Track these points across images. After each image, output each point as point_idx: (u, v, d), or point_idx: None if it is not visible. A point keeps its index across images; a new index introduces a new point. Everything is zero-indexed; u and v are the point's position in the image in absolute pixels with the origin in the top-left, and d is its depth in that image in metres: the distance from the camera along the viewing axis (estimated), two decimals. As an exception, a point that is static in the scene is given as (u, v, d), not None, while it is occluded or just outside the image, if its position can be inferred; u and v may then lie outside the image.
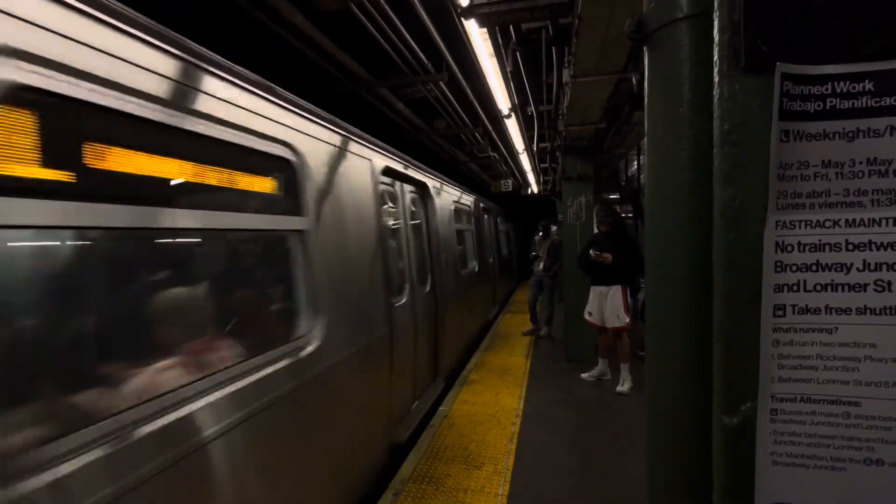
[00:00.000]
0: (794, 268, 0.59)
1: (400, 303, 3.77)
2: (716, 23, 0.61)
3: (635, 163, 9.15)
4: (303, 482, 2.14)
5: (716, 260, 0.62)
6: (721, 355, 0.60)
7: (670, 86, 0.79)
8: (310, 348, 2.17)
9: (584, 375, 5.30)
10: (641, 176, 8.55)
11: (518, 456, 3.62)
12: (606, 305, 4.93)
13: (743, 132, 0.59)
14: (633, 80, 4.08)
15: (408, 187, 4.33)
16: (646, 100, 0.86)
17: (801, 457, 0.58)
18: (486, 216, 9.26)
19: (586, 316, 5.15)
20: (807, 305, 0.59)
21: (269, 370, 1.86)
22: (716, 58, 0.62)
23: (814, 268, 0.58)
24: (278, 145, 2.06)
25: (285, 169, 2.15)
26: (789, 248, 0.58)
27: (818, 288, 0.58)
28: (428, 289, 4.68)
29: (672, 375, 0.77)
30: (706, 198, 0.73)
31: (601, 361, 5.27)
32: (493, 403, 4.69)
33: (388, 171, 3.57)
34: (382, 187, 3.45)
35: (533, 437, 3.92)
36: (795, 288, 0.59)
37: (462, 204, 6.83)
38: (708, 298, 0.72)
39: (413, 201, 4.51)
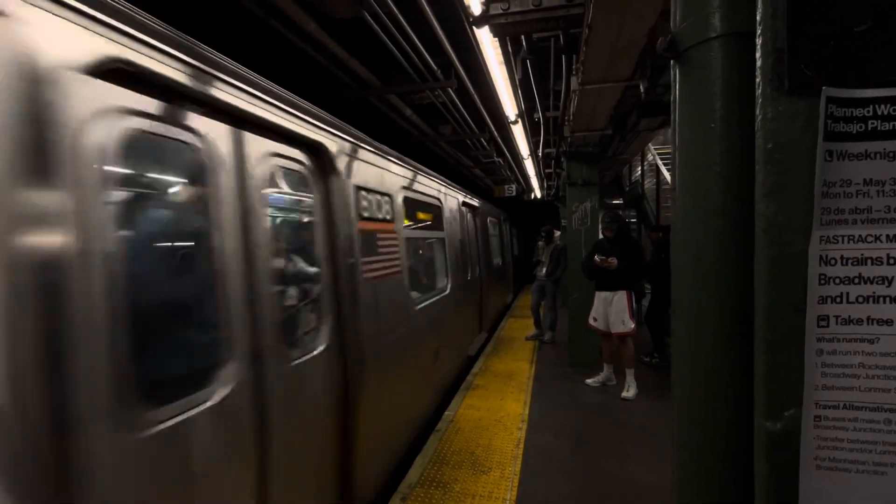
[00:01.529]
0: (837, 280, 0.61)
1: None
2: (759, 48, 0.64)
3: (639, 168, 9.21)
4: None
5: (758, 273, 0.64)
6: (764, 364, 0.62)
7: (702, 102, 0.82)
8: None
9: (588, 381, 5.32)
10: (645, 181, 8.61)
11: (525, 461, 3.63)
12: (611, 311, 4.95)
13: (786, 152, 0.61)
14: (641, 87, 4.12)
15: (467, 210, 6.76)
16: (675, 115, 0.89)
17: (844, 461, 0.61)
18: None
19: (591, 321, 5.17)
20: (849, 316, 0.61)
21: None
22: (758, 80, 0.65)
23: (856, 280, 0.61)
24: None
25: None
26: (833, 262, 0.61)
27: (860, 300, 0.61)
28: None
29: (704, 383, 0.79)
30: (740, 211, 0.76)
31: (606, 367, 5.29)
32: (498, 408, 4.71)
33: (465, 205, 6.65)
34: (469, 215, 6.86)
35: (539, 443, 3.94)
36: (839, 300, 0.62)
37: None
38: (740, 308, 0.75)
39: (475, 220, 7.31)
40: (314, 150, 2.34)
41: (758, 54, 0.65)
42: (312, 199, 2.39)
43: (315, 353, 2.26)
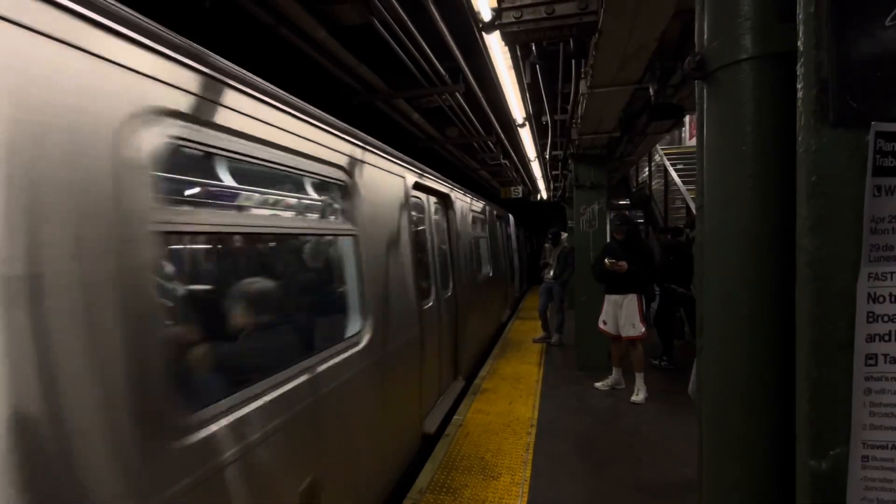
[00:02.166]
0: (885, 318, 0.60)
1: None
2: (800, 77, 0.63)
3: (646, 169, 9.15)
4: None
5: (801, 308, 0.63)
6: (808, 402, 0.61)
7: (732, 125, 0.81)
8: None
9: (598, 384, 5.29)
10: (653, 182, 8.56)
11: (535, 466, 3.62)
12: (621, 314, 4.92)
13: (831, 185, 0.60)
14: (651, 90, 4.10)
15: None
16: (704, 137, 0.87)
17: (893, 503, 0.59)
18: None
19: (600, 325, 5.14)
20: (899, 355, 0.60)
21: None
22: (800, 109, 0.63)
23: (906, 319, 0.60)
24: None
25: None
26: (881, 300, 0.60)
27: (911, 339, 0.60)
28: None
29: (737, 419, 0.77)
30: (776, 239, 0.75)
31: (615, 370, 5.26)
32: (507, 412, 4.69)
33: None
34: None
35: (549, 447, 3.92)
36: (887, 338, 0.60)
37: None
38: (777, 343, 0.74)
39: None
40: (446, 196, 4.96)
41: (799, 84, 0.63)
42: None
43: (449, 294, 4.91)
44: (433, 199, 4.59)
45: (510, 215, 11.68)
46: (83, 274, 1.06)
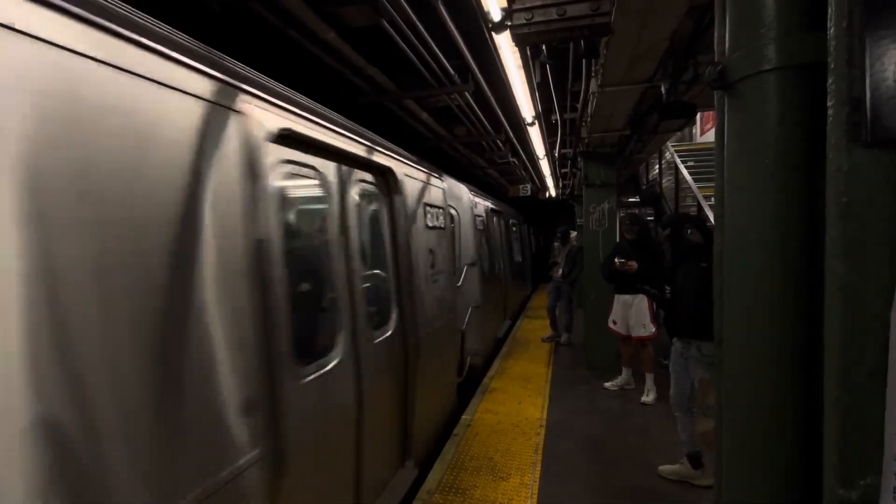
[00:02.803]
0: None
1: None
2: (831, 95, 0.61)
3: (656, 167, 9.06)
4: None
5: (829, 332, 0.61)
6: (837, 429, 0.59)
7: (754, 138, 0.79)
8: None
9: (607, 385, 5.27)
10: (663, 180, 8.47)
11: (544, 467, 3.61)
12: (631, 314, 4.89)
13: (863, 207, 0.58)
14: (663, 88, 4.05)
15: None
16: (724, 148, 0.86)
17: (926, 536, 0.57)
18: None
19: (610, 325, 5.11)
20: (933, 384, 0.58)
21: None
22: (830, 128, 0.61)
23: (941, 346, 0.58)
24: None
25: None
26: None
27: (945, 366, 0.57)
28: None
29: (757, 443, 0.76)
30: (798, 254, 0.73)
31: (625, 371, 5.23)
32: (515, 413, 4.69)
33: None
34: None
35: (558, 448, 3.91)
36: None
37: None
38: (802, 368, 0.72)
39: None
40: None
41: (830, 101, 0.61)
42: None
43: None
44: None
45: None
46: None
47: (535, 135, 6.14)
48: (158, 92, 1.30)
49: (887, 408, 0.56)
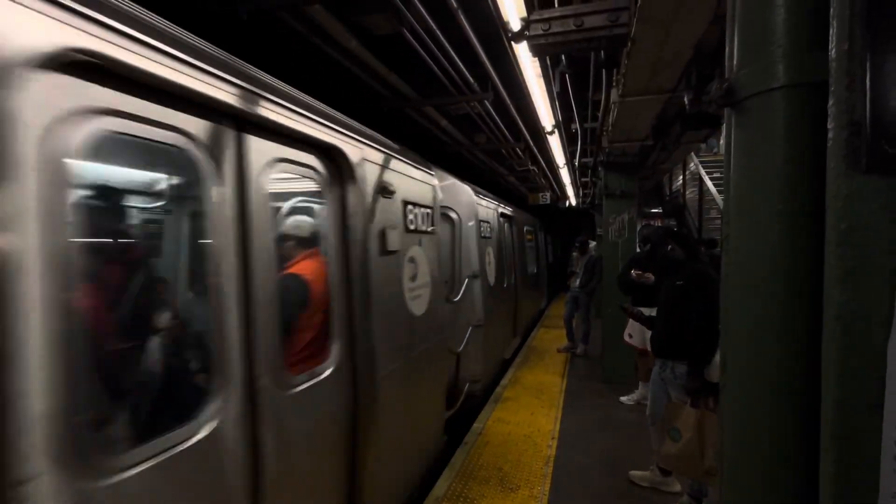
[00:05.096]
0: None
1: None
2: (831, 118, 0.59)
3: (680, 177, 8.87)
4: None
5: (827, 363, 0.59)
6: (833, 463, 0.57)
7: (761, 156, 0.77)
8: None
9: (623, 399, 5.16)
10: (687, 191, 8.28)
11: (555, 481, 3.56)
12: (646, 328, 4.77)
13: (862, 234, 0.56)
14: (686, 99, 3.97)
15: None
16: (731, 164, 0.84)
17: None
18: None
19: (626, 338, 5.01)
20: (934, 419, 0.55)
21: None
22: (829, 153, 0.60)
23: (943, 380, 0.55)
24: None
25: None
26: None
27: (947, 401, 0.55)
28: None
29: (758, 467, 0.73)
30: (804, 278, 0.71)
31: (642, 385, 5.11)
32: (527, 423, 4.63)
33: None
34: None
35: (570, 462, 3.84)
36: None
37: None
38: (801, 389, 0.70)
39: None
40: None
41: (829, 124, 0.60)
42: None
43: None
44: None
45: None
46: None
47: (554, 143, 6.11)
48: None
49: (884, 444, 0.53)
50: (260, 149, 1.76)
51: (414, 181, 3.15)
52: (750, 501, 0.73)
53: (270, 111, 1.76)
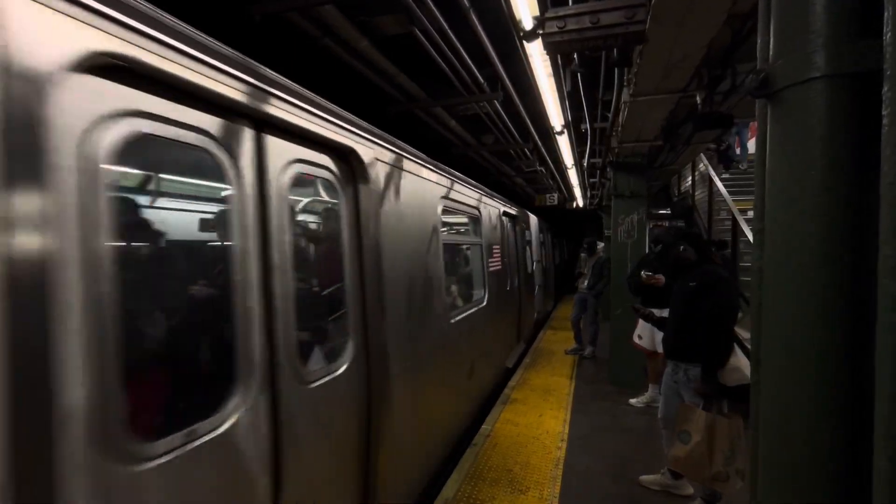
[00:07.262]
0: None
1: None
2: (886, 103, 0.57)
3: (689, 178, 8.81)
4: None
5: (882, 358, 0.57)
6: (888, 460, 0.55)
7: (800, 150, 0.75)
8: None
9: (632, 401, 5.11)
10: (696, 192, 8.21)
11: (564, 483, 3.53)
12: (657, 329, 4.73)
13: (922, 222, 0.54)
14: (698, 98, 3.95)
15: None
16: (767, 159, 0.82)
17: None
18: None
19: (635, 340, 4.97)
20: None
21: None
22: (885, 138, 0.58)
23: None
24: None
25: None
26: None
27: None
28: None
29: (799, 473, 0.71)
30: (843, 273, 0.69)
31: (651, 387, 5.07)
32: (536, 425, 4.60)
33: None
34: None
35: (579, 465, 3.81)
36: None
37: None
38: (844, 389, 0.68)
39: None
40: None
41: (885, 110, 0.58)
42: None
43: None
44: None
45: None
46: None
47: (563, 144, 6.08)
48: None
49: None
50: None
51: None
52: (792, 503, 0.71)
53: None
